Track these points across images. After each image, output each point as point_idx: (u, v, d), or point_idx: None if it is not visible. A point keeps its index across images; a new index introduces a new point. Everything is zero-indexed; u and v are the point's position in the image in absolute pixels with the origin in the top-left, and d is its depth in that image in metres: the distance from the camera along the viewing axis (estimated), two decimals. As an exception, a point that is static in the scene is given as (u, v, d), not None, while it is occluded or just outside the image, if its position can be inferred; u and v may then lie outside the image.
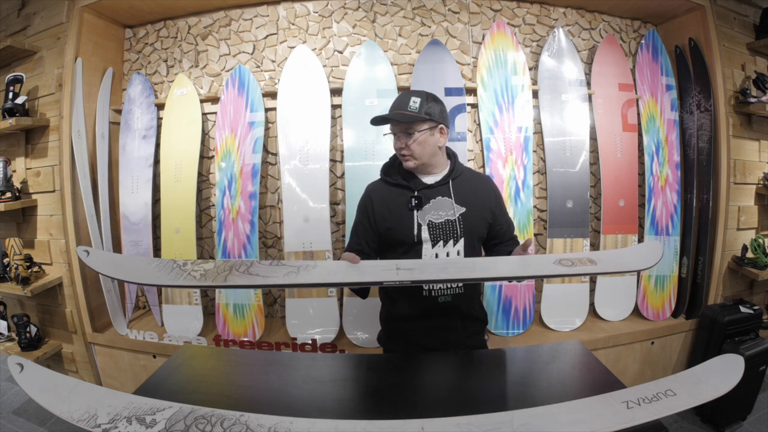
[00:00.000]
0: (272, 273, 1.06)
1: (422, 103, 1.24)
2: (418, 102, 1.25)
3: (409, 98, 1.25)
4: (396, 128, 1.27)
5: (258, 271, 1.07)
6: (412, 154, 1.25)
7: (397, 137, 1.27)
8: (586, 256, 1.18)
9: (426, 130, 1.25)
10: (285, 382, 1.16)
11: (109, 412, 0.87)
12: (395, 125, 1.27)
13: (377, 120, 1.29)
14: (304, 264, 1.09)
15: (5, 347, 2.18)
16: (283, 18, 2.25)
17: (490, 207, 1.33)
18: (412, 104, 1.24)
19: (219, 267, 1.07)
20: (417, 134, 1.24)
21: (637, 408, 0.87)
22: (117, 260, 1.13)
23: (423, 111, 1.23)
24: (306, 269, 1.08)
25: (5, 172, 2.09)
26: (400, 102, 1.27)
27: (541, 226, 2.32)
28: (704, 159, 2.29)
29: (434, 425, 0.85)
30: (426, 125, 1.25)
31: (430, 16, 2.24)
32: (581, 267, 1.13)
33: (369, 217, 1.32)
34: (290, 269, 1.07)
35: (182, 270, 1.07)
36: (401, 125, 1.25)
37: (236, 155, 2.17)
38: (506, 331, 2.16)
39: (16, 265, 2.08)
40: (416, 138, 1.24)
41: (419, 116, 1.23)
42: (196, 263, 1.08)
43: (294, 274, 1.06)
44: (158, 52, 2.39)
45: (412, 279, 1.07)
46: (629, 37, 2.46)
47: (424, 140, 1.25)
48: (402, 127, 1.25)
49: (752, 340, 2.08)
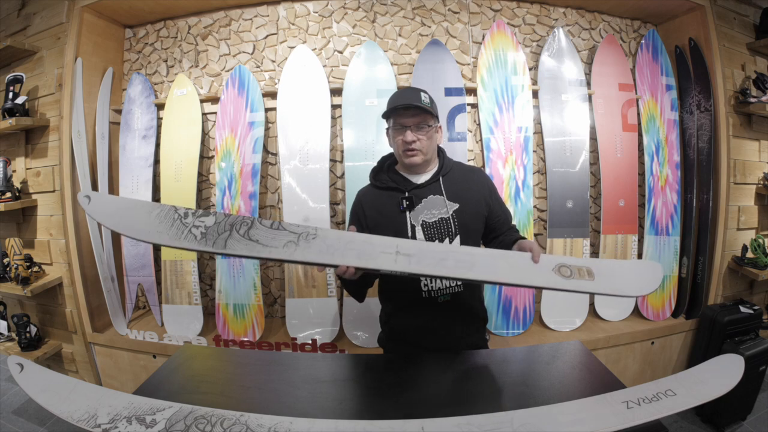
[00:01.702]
0: (272, 241, 1.03)
1: (431, 100, 1.24)
2: (428, 98, 1.24)
3: (418, 93, 1.23)
4: (411, 120, 1.22)
5: (258, 235, 1.03)
6: (422, 148, 1.23)
7: (407, 131, 1.22)
8: (585, 265, 1.12)
9: (435, 126, 1.25)
10: (285, 382, 1.15)
11: (109, 412, 0.87)
12: (411, 117, 1.22)
13: (398, 109, 1.22)
14: (304, 232, 1.05)
15: (5, 347, 2.18)
16: (283, 18, 2.25)
17: (484, 199, 1.30)
18: (423, 98, 1.22)
19: (220, 224, 1.04)
20: (429, 128, 1.23)
21: (637, 408, 0.87)
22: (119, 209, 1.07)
23: (432, 107, 1.23)
24: (306, 239, 1.05)
25: (5, 172, 2.09)
26: (410, 95, 1.22)
27: (541, 226, 2.32)
28: (704, 159, 2.29)
29: (434, 425, 0.85)
30: (435, 122, 1.25)
31: (430, 16, 2.24)
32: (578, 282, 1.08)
33: (361, 223, 1.29)
34: (290, 238, 1.04)
35: (183, 224, 1.03)
36: (418, 117, 1.22)
37: (236, 155, 2.17)
38: (506, 331, 2.16)
39: (16, 265, 2.08)
40: (428, 132, 1.23)
41: (433, 111, 1.23)
42: (197, 216, 1.04)
43: (294, 244, 1.03)
44: (158, 52, 2.39)
45: (409, 270, 1.05)
46: (629, 37, 2.46)
47: (432, 136, 1.25)
48: (417, 120, 1.22)
49: (752, 340, 2.08)
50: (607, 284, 1.11)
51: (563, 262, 1.11)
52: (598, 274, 1.11)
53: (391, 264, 1.05)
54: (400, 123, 1.23)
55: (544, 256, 1.11)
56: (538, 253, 1.10)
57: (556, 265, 1.10)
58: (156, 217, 1.05)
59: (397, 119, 1.24)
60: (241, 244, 1.03)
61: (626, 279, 1.15)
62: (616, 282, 1.12)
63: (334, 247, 1.06)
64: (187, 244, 1.02)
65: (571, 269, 1.10)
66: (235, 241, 1.03)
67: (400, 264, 1.05)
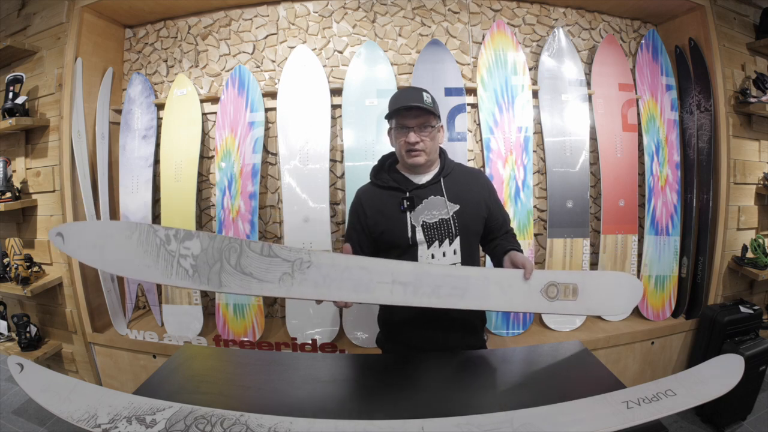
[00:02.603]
0: (267, 274, 1.00)
1: (433, 100, 1.24)
2: (430, 97, 1.23)
3: (420, 93, 1.22)
4: (414, 121, 1.22)
5: (251, 267, 1.00)
6: (425, 149, 1.22)
7: (410, 131, 1.21)
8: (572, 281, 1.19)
9: (438, 126, 1.25)
10: (285, 382, 1.15)
11: (109, 412, 0.87)
12: (414, 118, 1.21)
13: (401, 110, 1.21)
14: (298, 259, 1.02)
15: (5, 347, 2.18)
16: (283, 18, 2.25)
17: (484, 201, 1.30)
18: (426, 98, 1.21)
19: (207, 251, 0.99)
20: (432, 129, 1.23)
21: (637, 408, 0.87)
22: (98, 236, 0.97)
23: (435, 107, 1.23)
24: (300, 270, 1.02)
25: (5, 172, 2.09)
26: (412, 96, 1.22)
27: (541, 226, 2.32)
28: (704, 159, 2.29)
29: (434, 425, 0.85)
30: (438, 122, 1.25)
31: (430, 16, 2.24)
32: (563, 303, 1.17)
33: (361, 221, 1.29)
34: (285, 268, 1.01)
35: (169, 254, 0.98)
36: (421, 118, 1.21)
37: (236, 155, 2.17)
38: (506, 331, 2.16)
39: (16, 265, 2.08)
40: (431, 132, 1.23)
41: (435, 111, 1.22)
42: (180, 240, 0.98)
43: (289, 277, 1.01)
44: (158, 52, 2.39)
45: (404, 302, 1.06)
46: (629, 37, 2.46)
47: (435, 136, 1.25)
48: (420, 121, 1.21)
49: (752, 340, 2.08)
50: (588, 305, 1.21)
51: (552, 280, 1.18)
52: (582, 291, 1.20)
53: (387, 296, 1.07)
54: (402, 124, 1.23)
55: (536, 272, 1.16)
56: (530, 270, 1.15)
57: (546, 284, 1.17)
58: (137, 243, 0.97)
59: (399, 120, 1.24)
60: (236, 279, 0.99)
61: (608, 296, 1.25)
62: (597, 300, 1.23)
63: (330, 278, 1.04)
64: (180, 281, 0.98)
65: (558, 287, 1.18)
66: (229, 276, 0.99)
67: (396, 296, 1.07)
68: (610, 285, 1.28)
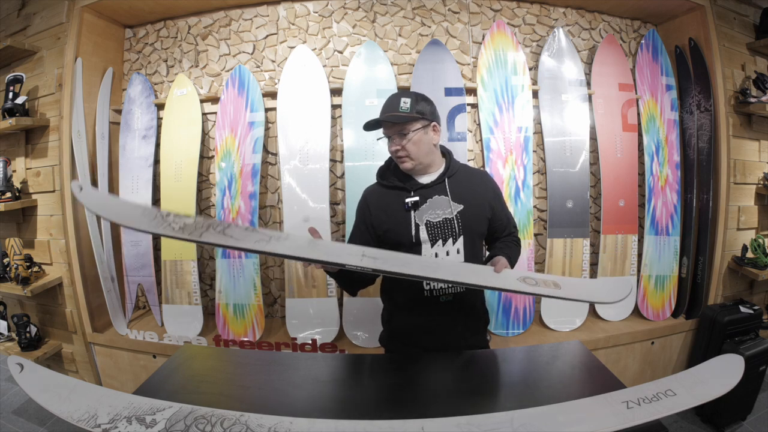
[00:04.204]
0: (244, 237, 1.09)
1: (413, 103, 1.24)
2: (409, 102, 1.24)
3: (399, 99, 1.25)
4: (390, 131, 1.26)
5: (232, 233, 1.09)
6: (409, 154, 1.25)
7: (392, 140, 1.26)
8: (552, 279, 1.19)
9: (419, 129, 1.24)
10: (285, 382, 1.16)
11: (109, 412, 0.87)
12: (389, 128, 1.26)
13: (371, 125, 1.27)
14: (276, 234, 1.10)
15: (5, 347, 2.18)
16: (283, 18, 2.25)
17: (488, 202, 1.32)
18: (402, 105, 1.23)
19: (198, 223, 1.09)
20: (411, 134, 1.23)
21: (637, 408, 0.87)
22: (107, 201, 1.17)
23: (414, 110, 1.23)
24: (278, 239, 1.09)
25: (5, 172, 2.09)
26: (390, 104, 1.26)
27: (541, 226, 2.32)
28: (704, 159, 2.29)
29: (434, 425, 0.85)
30: (419, 124, 1.24)
31: (430, 16, 2.24)
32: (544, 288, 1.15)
33: (366, 220, 1.32)
34: (262, 237, 1.09)
35: (164, 220, 1.09)
36: (395, 127, 1.24)
37: (236, 155, 2.17)
38: (506, 331, 2.16)
39: (16, 265, 2.08)
40: (411, 138, 1.23)
41: (411, 115, 1.23)
42: (178, 216, 1.10)
43: (264, 242, 1.08)
44: (158, 52, 2.39)
45: (374, 267, 1.08)
46: (629, 37, 2.46)
47: (418, 139, 1.24)
48: (396, 129, 1.24)
49: (752, 340, 2.08)
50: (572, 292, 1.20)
51: (528, 276, 1.18)
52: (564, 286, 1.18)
53: (357, 261, 1.09)
54: (385, 133, 1.29)
55: (507, 270, 1.19)
56: (501, 268, 1.18)
57: (520, 277, 1.17)
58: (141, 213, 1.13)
59: (383, 130, 1.29)
60: (216, 236, 1.08)
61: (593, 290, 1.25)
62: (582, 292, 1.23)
63: (302, 248, 1.11)
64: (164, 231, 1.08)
65: (536, 280, 1.17)
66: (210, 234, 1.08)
67: (365, 262, 1.10)
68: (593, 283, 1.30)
